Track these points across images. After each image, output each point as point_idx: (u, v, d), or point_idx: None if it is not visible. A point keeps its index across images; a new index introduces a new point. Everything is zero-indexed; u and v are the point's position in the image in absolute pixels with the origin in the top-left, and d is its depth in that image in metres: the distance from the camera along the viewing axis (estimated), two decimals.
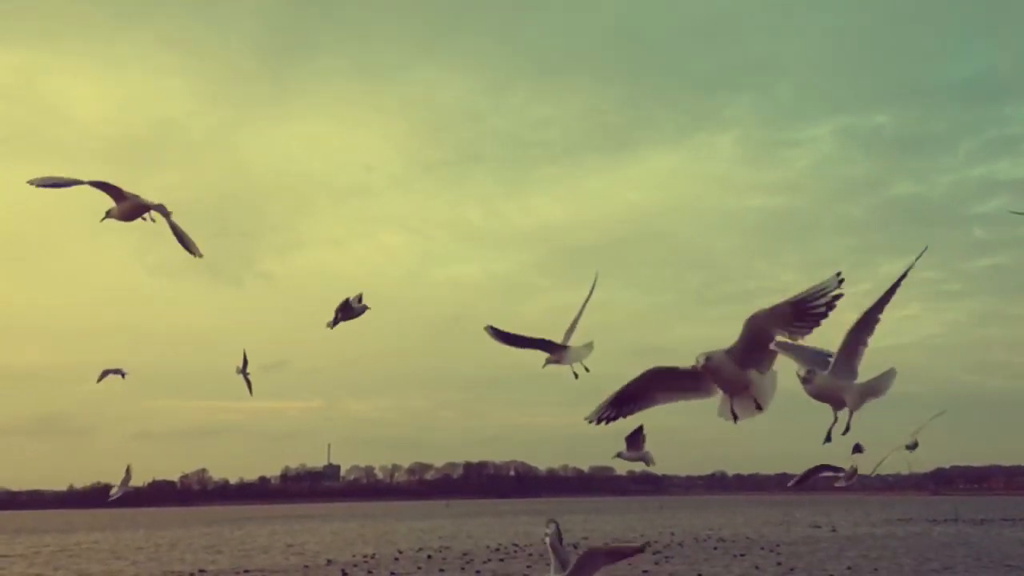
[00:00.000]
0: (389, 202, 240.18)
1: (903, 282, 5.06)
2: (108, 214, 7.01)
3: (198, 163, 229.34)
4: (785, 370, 5.41)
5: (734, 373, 5.13)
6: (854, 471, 11.17)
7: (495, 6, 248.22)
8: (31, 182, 6.50)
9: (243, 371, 12.56)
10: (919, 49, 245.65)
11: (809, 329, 5.02)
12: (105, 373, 10.70)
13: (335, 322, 8.52)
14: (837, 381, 5.32)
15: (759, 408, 5.42)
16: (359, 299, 8.54)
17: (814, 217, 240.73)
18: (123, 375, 10.87)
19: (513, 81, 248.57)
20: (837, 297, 4.89)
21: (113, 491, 13.63)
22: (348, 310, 8.49)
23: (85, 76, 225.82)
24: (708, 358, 5.02)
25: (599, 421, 5.50)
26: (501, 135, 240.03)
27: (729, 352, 5.09)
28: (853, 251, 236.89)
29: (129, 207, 6.94)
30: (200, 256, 7.33)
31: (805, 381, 5.16)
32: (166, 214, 7.16)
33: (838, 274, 4.86)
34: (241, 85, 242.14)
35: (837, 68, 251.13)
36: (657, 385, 5.40)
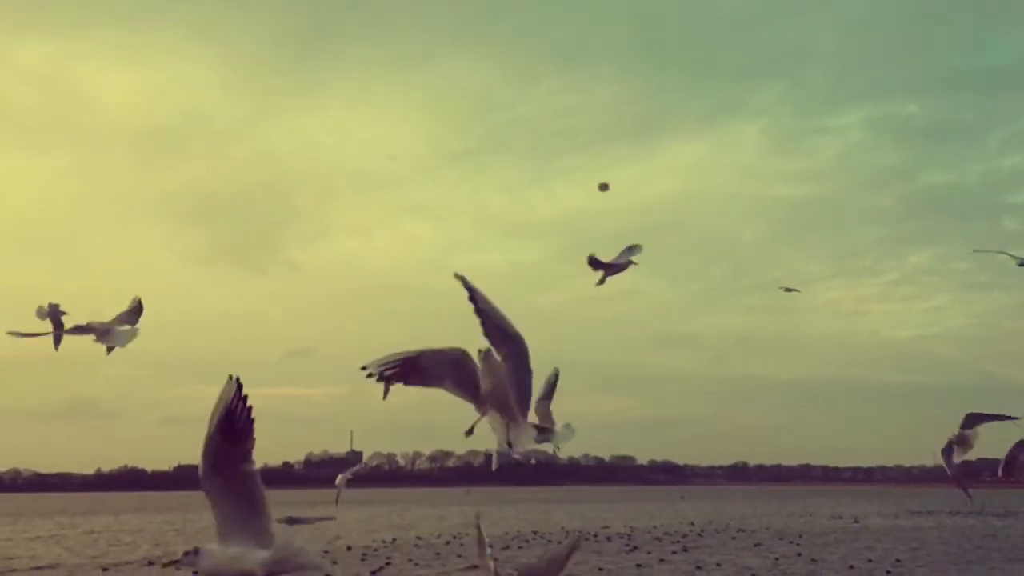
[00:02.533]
0: (414, 191, 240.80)
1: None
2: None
3: (225, 152, 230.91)
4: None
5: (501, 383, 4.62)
6: None
7: None
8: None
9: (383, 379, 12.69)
10: (950, 37, 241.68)
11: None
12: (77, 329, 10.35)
13: (601, 280, 8.12)
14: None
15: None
16: (631, 250, 8.04)
17: (842, 207, 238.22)
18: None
19: (539, 70, 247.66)
20: None
21: (340, 480, 13.92)
22: (611, 266, 8.05)
23: (114, 65, 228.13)
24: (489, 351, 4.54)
25: (380, 378, 4.74)
26: (526, 124, 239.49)
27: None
28: (881, 241, 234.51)
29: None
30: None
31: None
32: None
33: None
34: (268, 75, 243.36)
35: (867, 56, 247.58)
36: (456, 370, 4.80)
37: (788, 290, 15.73)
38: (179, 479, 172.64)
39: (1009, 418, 7.52)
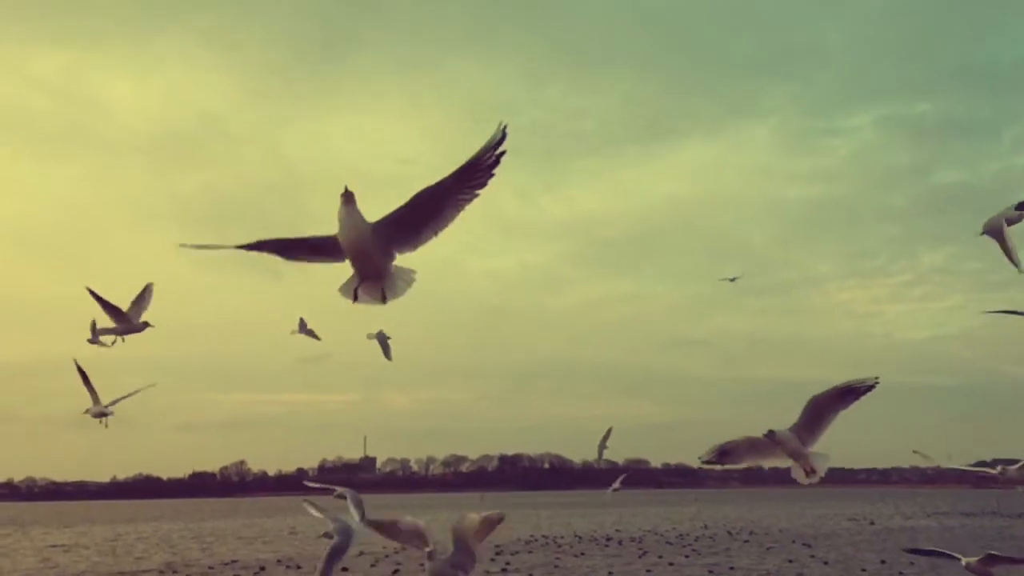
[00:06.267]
0: None
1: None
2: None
3: (239, 157, 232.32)
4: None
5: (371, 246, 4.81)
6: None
7: None
8: None
9: (602, 445, 12.59)
10: (962, 34, 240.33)
11: (482, 184, 4.59)
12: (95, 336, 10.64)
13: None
14: None
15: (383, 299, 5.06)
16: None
17: (855, 206, 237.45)
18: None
19: (550, 73, 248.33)
20: (502, 153, 4.44)
21: (615, 485, 14.10)
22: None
23: (129, 74, 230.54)
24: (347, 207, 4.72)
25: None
26: (538, 127, 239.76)
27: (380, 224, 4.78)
28: (894, 240, 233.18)
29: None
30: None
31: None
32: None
33: (502, 126, 4.38)
34: (280, 81, 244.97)
35: (878, 55, 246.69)
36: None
37: (732, 280, 15.53)
38: (194, 486, 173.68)
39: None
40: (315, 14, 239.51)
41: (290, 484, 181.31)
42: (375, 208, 5.00)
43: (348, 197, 4.79)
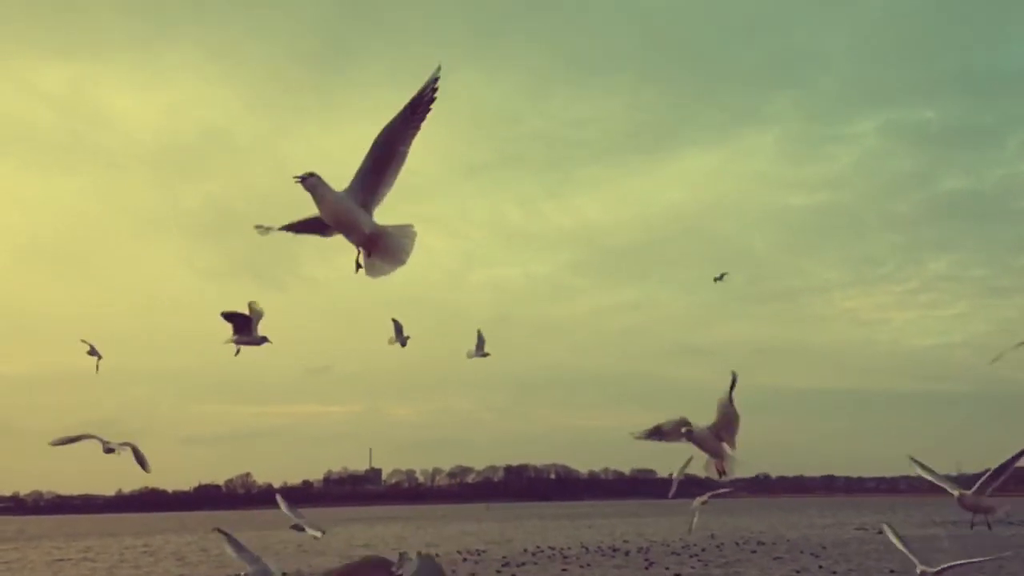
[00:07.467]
0: (430, 205, 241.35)
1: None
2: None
3: (243, 169, 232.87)
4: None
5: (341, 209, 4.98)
6: None
7: (534, 8, 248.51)
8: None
9: (680, 476, 11.85)
10: (966, 39, 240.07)
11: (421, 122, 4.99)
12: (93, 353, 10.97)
13: None
14: None
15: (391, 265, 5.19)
16: None
17: (859, 214, 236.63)
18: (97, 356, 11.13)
19: (553, 82, 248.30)
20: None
21: (703, 498, 13.82)
22: None
23: (133, 87, 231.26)
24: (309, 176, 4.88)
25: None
26: (541, 136, 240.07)
27: (348, 190, 4.99)
28: (899, 248, 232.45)
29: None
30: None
31: None
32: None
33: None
34: (284, 93, 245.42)
35: (881, 62, 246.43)
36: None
37: (721, 277, 15.43)
38: (200, 499, 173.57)
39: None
40: (317, 25, 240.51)
41: (295, 496, 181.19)
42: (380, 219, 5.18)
43: (310, 185, 5.01)
